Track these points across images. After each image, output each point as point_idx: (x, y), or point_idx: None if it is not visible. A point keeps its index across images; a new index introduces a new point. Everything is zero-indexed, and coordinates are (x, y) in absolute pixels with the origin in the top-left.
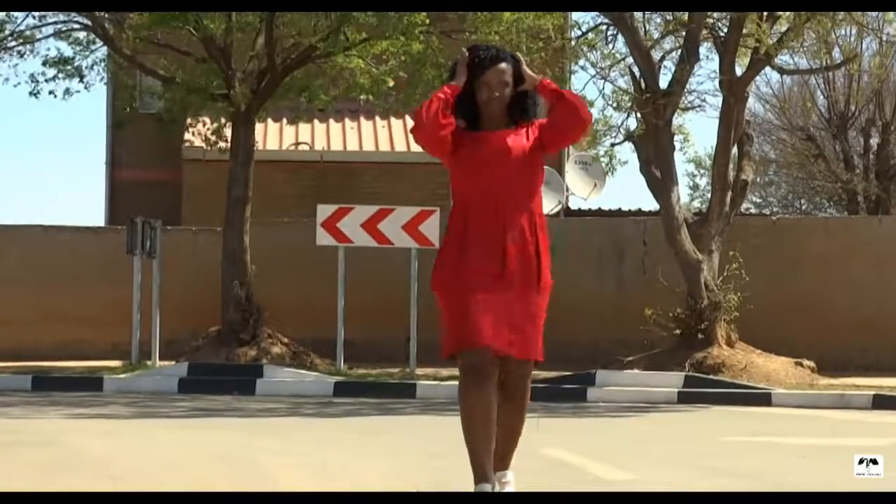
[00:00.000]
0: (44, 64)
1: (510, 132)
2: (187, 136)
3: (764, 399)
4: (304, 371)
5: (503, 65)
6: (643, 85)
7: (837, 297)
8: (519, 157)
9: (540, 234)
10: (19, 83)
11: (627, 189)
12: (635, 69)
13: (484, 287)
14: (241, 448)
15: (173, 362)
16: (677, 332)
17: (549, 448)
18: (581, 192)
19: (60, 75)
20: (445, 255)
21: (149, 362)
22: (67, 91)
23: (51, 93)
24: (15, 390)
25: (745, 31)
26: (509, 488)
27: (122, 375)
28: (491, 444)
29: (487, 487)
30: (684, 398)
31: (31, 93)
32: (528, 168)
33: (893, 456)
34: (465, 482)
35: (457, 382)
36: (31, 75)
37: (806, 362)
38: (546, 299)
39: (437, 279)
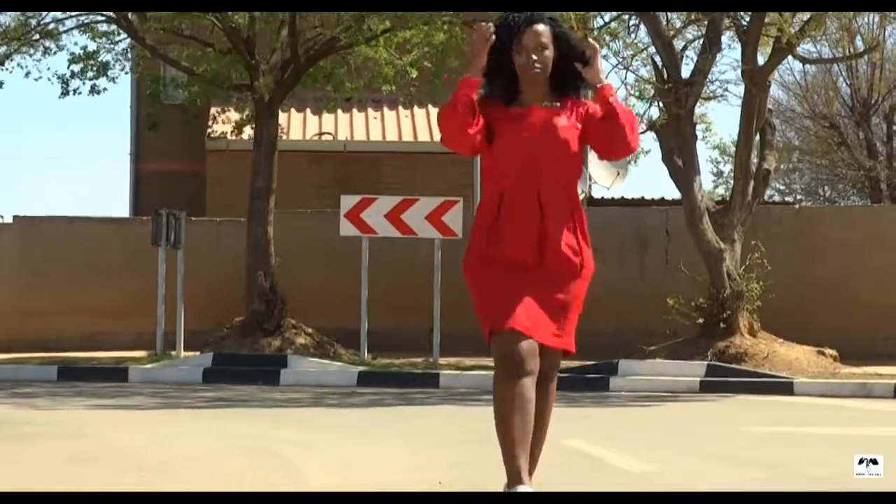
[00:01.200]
0: (70, 61)
1: (553, 111)
2: (211, 126)
3: (786, 388)
4: (327, 361)
5: (540, 26)
6: (665, 75)
7: (860, 285)
8: (562, 140)
9: (580, 219)
10: (41, 77)
11: (650, 178)
12: (657, 59)
13: (517, 273)
14: (265, 439)
15: (198, 353)
16: (700, 321)
17: (570, 439)
18: (604, 181)
19: (87, 72)
20: (478, 242)
21: (173, 353)
22: (94, 88)
23: (76, 91)
24: (41, 381)
25: (767, 20)
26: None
27: (147, 366)
28: (527, 441)
29: (520, 489)
30: (706, 387)
31: (61, 93)
32: (570, 152)
33: None
34: (488, 473)
35: (479, 372)
36: (61, 77)
37: (828, 351)
38: (585, 287)
39: (469, 266)
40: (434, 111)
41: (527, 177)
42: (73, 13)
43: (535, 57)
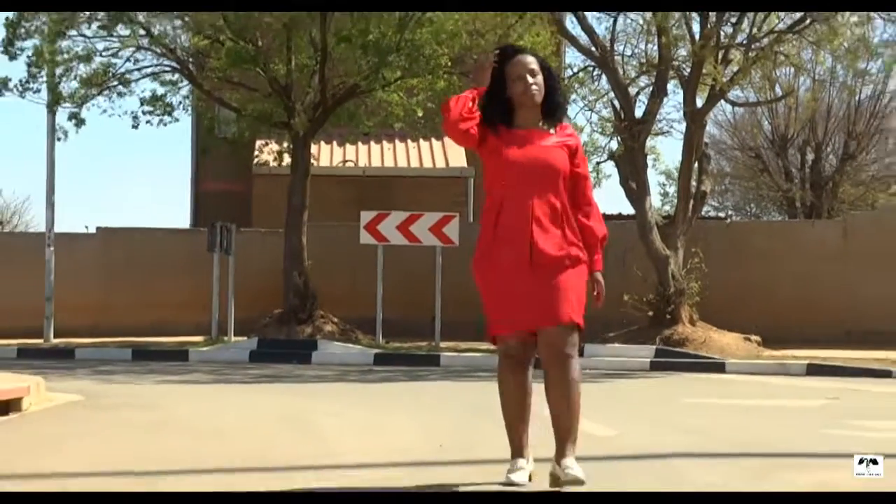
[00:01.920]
0: (141, 103)
1: (544, 133)
2: (256, 155)
3: (719, 367)
4: (350, 345)
5: (528, 56)
6: (622, 115)
7: (779, 285)
8: (553, 160)
9: (569, 226)
10: (114, 115)
11: (610, 198)
12: (616, 102)
13: (513, 278)
14: (299, 408)
15: (245, 338)
16: (650, 313)
17: (546, 409)
18: None
19: (156, 111)
20: (481, 247)
21: (225, 338)
22: (162, 121)
23: (148, 123)
24: (119, 360)
25: (704, 71)
26: (574, 471)
27: (204, 349)
28: (525, 421)
29: (520, 462)
30: (655, 367)
31: (133, 126)
32: (560, 170)
33: (826, 414)
34: (481, 437)
35: (473, 354)
36: (132, 113)
37: (753, 337)
38: (575, 275)
39: (475, 269)
40: (436, 144)
41: (521, 189)
42: (143, 63)
43: (531, 80)
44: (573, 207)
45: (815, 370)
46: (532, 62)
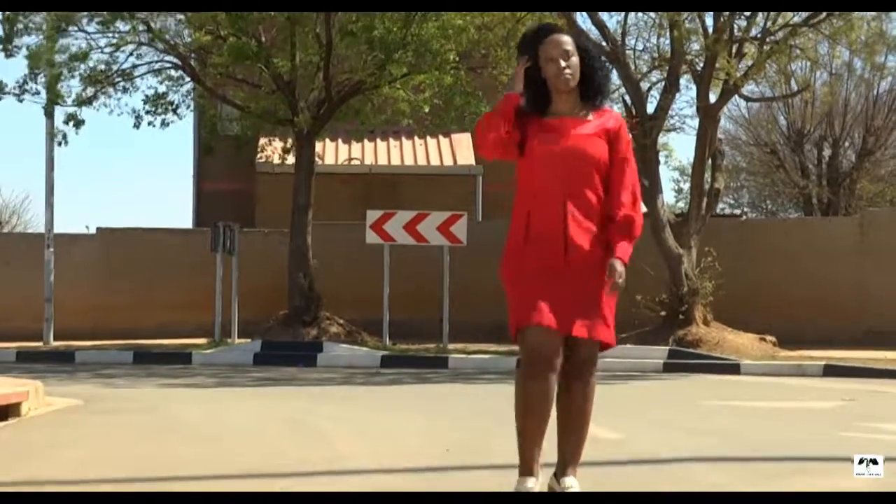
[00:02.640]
0: (144, 101)
1: (582, 121)
2: (260, 154)
3: (734, 369)
4: (356, 347)
5: (563, 36)
6: (634, 111)
7: (795, 284)
8: (589, 149)
9: (601, 221)
10: (122, 113)
11: None
12: (627, 98)
13: (546, 275)
14: (304, 412)
15: (249, 340)
16: (662, 313)
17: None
18: None
19: (158, 109)
20: (512, 245)
21: (229, 340)
22: (164, 122)
23: (150, 124)
24: (120, 363)
25: (717, 65)
26: (574, 490)
27: (206, 351)
28: (542, 436)
29: (530, 482)
30: (668, 368)
31: (134, 125)
32: (596, 160)
33: (840, 416)
34: (488, 442)
35: (482, 356)
36: (134, 110)
37: (769, 338)
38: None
39: (503, 268)
40: (444, 141)
41: (556, 184)
42: (146, 59)
43: (563, 63)
44: (609, 195)
45: (831, 371)
46: (567, 42)
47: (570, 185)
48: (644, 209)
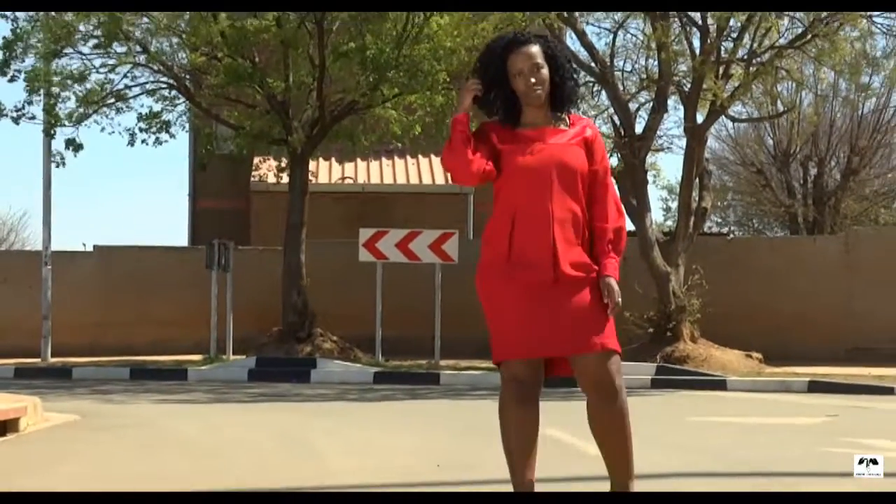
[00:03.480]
0: (138, 119)
1: (557, 131)
2: (254, 172)
3: (720, 385)
4: (349, 363)
5: (532, 47)
6: (622, 131)
7: (781, 301)
8: (567, 158)
9: (585, 234)
10: (113, 132)
11: None
12: (616, 118)
13: (532, 298)
14: (297, 427)
15: (244, 356)
16: (650, 330)
17: (545, 428)
18: None
19: (152, 128)
20: (491, 261)
21: (224, 356)
22: (157, 140)
23: (143, 142)
24: (116, 379)
25: (704, 86)
26: None
27: (202, 367)
28: (531, 456)
29: None
30: (656, 384)
31: (128, 143)
32: (575, 169)
33: (824, 432)
34: (480, 457)
35: (473, 372)
36: (129, 129)
37: (755, 354)
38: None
39: (481, 284)
40: (436, 160)
41: (536, 197)
42: (140, 80)
43: (532, 80)
44: (593, 207)
45: (816, 387)
46: (536, 55)
47: (553, 197)
48: (632, 227)
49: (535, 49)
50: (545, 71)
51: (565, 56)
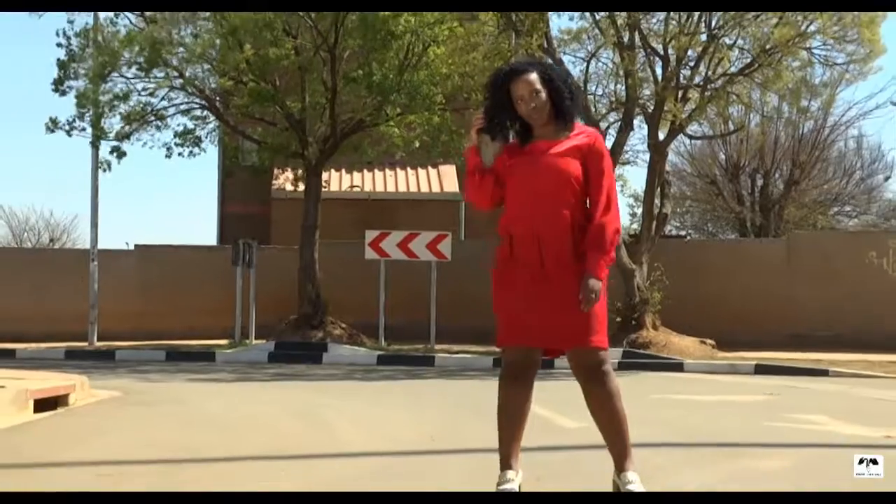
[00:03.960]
0: (174, 135)
1: (554, 142)
2: (274, 181)
3: (678, 367)
4: (356, 347)
5: (530, 75)
6: None
7: (731, 295)
8: (557, 168)
9: (579, 233)
10: (153, 146)
11: None
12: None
13: (528, 293)
14: (311, 403)
15: (264, 341)
16: (617, 319)
17: (537, 406)
18: None
19: (186, 143)
20: (500, 257)
21: (247, 341)
22: (192, 153)
23: (179, 154)
24: (154, 361)
25: (665, 108)
26: (633, 488)
27: (228, 351)
28: (518, 435)
29: (509, 475)
30: (623, 366)
31: (166, 155)
32: (565, 178)
33: (767, 408)
34: (469, 431)
35: (464, 355)
36: (165, 143)
37: (708, 341)
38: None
39: (493, 280)
40: (433, 171)
41: (529, 206)
42: (175, 101)
43: (533, 105)
44: (589, 209)
45: (761, 370)
46: (534, 81)
47: (541, 205)
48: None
49: (533, 76)
50: (543, 95)
51: (561, 77)
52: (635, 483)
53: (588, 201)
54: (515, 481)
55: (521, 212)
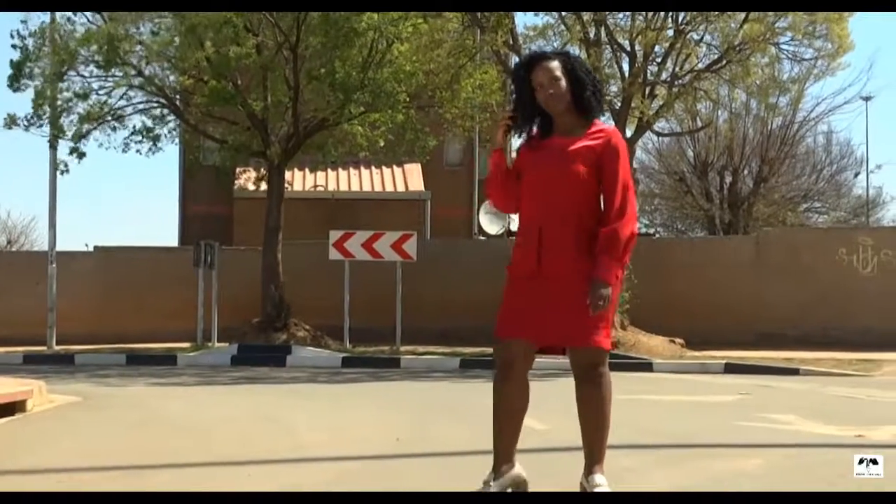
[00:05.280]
0: (132, 133)
1: (569, 142)
2: (237, 181)
3: (647, 367)
4: (320, 349)
5: (551, 62)
6: None
7: (700, 294)
8: (566, 166)
9: (586, 235)
10: (110, 147)
11: None
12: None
13: (527, 292)
14: (274, 406)
15: (227, 344)
16: None
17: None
18: (490, 229)
19: (144, 141)
20: (513, 257)
21: (210, 344)
22: (150, 150)
23: (137, 151)
24: (114, 365)
25: (633, 105)
26: (600, 490)
27: (190, 353)
28: (515, 432)
29: (504, 468)
30: None
31: (122, 150)
32: (573, 176)
33: (738, 407)
34: (435, 431)
35: (430, 357)
36: (124, 140)
37: (677, 340)
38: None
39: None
40: (397, 170)
41: (534, 210)
42: (135, 100)
43: (551, 91)
44: (601, 212)
45: (731, 369)
46: (554, 68)
47: (546, 204)
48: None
49: (555, 63)
50: (563, 83)
51: (584, 69)
52: (603, 486)
53: (602, 203)
54: (512, 472)
55: (529, 210)
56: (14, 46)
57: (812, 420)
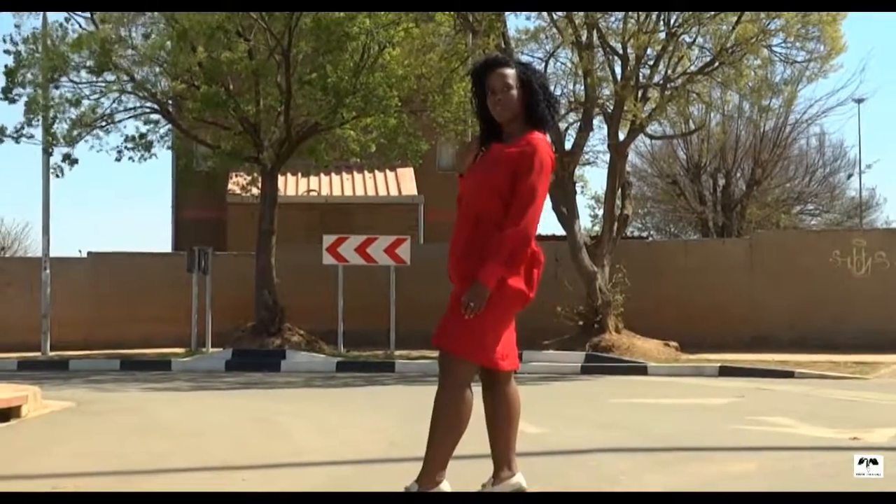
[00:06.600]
0: (125, 140)
1: (498, 151)
2: (230, 186)
3: (642, 370)
4: (314, 354)
5: (506, 69)
6: (553, 148)
7: (694, 297)
8: (481, 175)
9: (475, 238)
10: (101, 150)
11: (544, 221)
12: (548, 136)
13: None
14: (269, 411)
15: (221, 349)
16: (580, 322)
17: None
18: None
19: (137, 148)
20: None
21: (204, 349)
22: (143, 157)
23: (130, 158)
24: (108, 370)
25: (625, 108)
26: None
27: (184, 359)
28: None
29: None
30: (585, 370)
31: (116, 158)
32: (482, 184)
33: (732, 411)
34: (426, 436)
35: (424, 360)
36: (116, 147)
37: (672, 343)
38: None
39: None
40: (390, 175)
41: (458, 218)
42: (128, 105)
43: (499, 97)
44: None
45: (725, 371)
46: (508, 76)
47: (459, 209)
48: (563, 233)
49: (510, 71)
50: (514, 93)
51: (540, 82)
52: (415, 488)
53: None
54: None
55: (456, 221)
56: (7, 52)
57: (807, 423)
